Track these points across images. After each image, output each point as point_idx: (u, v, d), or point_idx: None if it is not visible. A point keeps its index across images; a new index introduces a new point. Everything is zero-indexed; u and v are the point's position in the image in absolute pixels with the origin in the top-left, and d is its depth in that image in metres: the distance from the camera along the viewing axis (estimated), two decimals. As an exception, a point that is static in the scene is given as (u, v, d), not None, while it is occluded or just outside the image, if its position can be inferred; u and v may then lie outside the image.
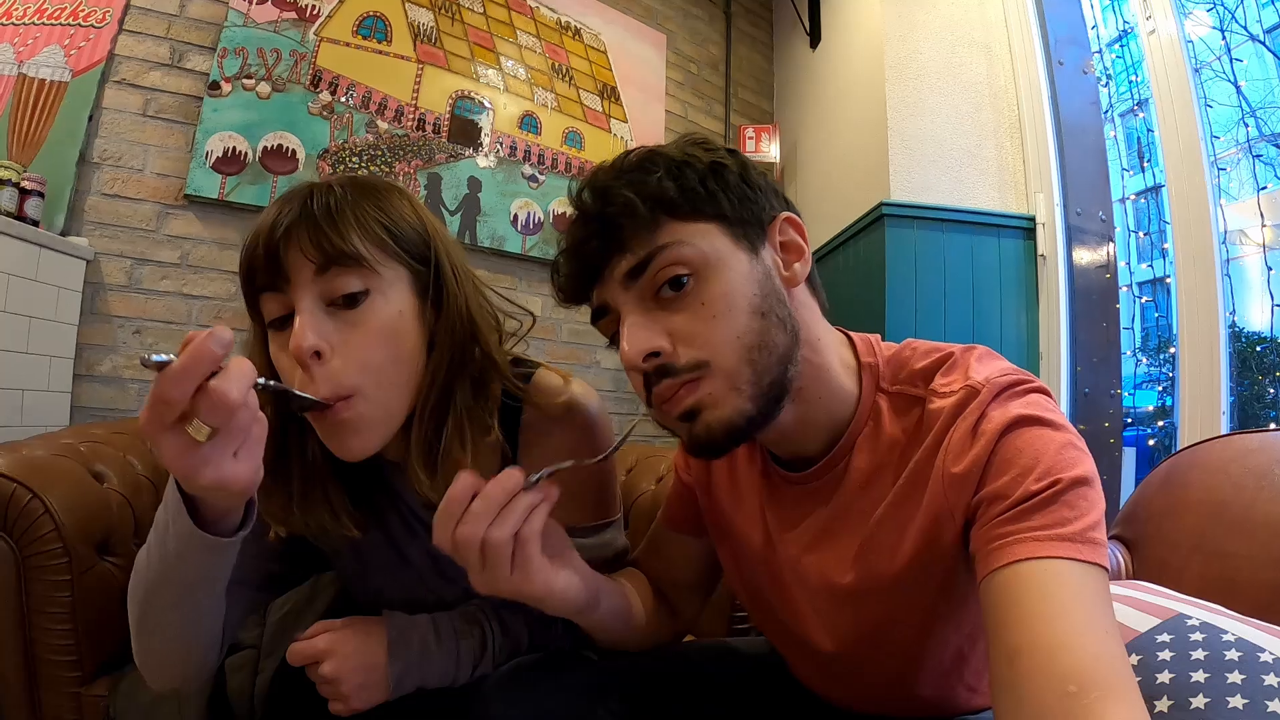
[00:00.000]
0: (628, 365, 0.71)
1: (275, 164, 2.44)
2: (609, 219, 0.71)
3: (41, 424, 1.94)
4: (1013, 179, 2.81)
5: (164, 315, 2.29)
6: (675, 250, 0.70)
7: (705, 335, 0.69)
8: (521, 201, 2.99)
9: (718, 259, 0.71)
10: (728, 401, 0.70)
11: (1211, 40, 2.56)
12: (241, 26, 2.43)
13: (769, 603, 0.89)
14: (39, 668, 1.22)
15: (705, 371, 0.69)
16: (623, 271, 0.72)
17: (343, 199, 0.81)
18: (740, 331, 0.69)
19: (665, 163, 0.72)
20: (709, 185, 0.72)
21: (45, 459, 1.33)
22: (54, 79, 2.18)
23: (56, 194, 2.10)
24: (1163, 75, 2.43)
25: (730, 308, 0.70)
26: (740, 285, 0.71)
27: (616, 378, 3.20)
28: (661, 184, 0.71)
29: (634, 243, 0.71)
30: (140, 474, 1.63)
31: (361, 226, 0.81)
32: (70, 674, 1.22)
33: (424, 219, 0.89)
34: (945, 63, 2.87)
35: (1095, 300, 2.62)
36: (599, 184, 0.73)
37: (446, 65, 2.85)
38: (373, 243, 0.81)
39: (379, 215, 0.83)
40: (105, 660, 1.25)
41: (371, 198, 0.84)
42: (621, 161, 0.75)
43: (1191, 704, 0.75)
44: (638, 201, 0.70)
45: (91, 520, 1.30)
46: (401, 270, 0.84)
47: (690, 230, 0.71)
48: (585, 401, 0.97)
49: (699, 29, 3.77)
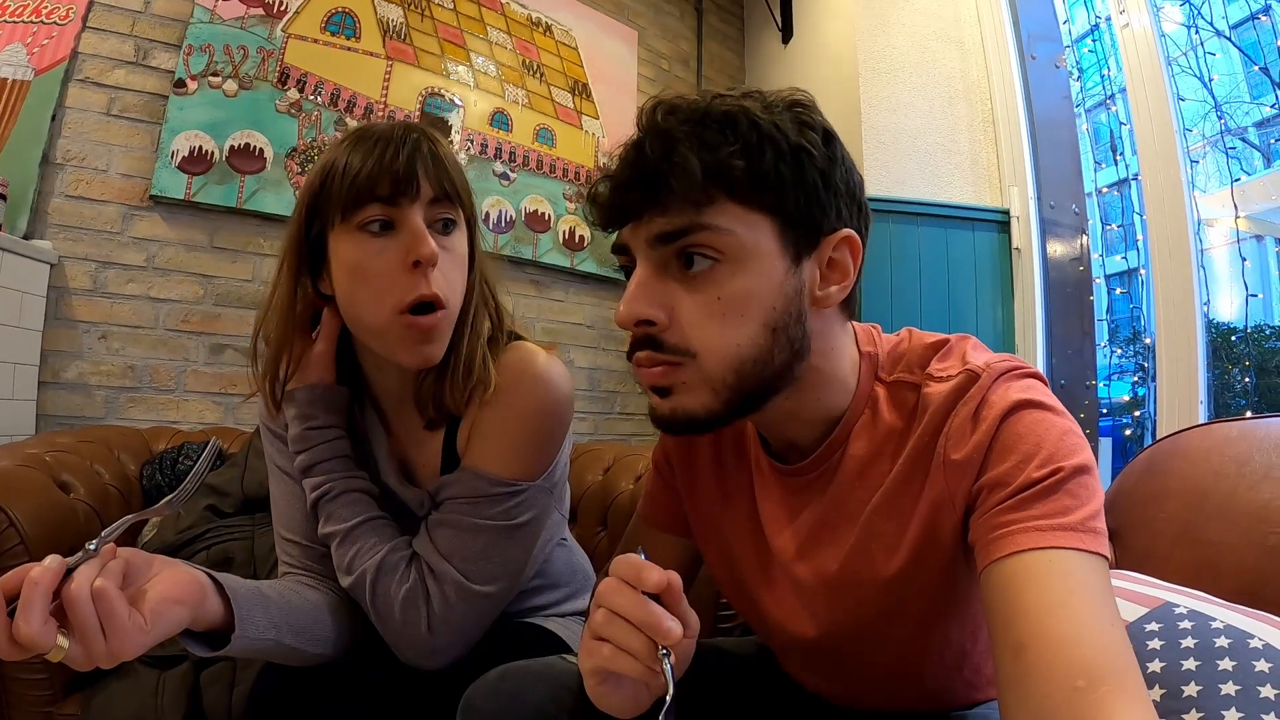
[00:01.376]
0: (618, 322, 0.69)
1: (242, 163, 2.40)
2: (660, 174, 0.65)
3: (6, 433, 1.89)
4: (987, 173, 2.84)
5: (130, 319, 2.24)
6: (715, 233, 0.65)
7: (705, 328, 0.66)
8: (493, 199, 2.97)
9: (754, 256, 0.66)
10: (699, 396, 0.68)
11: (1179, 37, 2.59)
12: (208, 23, 2.39)
13: (759, 599, 0.87)
14: (8, 687, 1.21)
15: (689, 360, 0.67)
16: (655, 231, 0.67)
17: (448, 153, 0.97)
18: (741, 340, 0.67)
19: (746, 133, 0.66)
20: (780, 172, 0.66)
21: (9, 469, 1.31)
22: (16, 78, 2.13)
23: (19, 196, 2.05)
24: (1137, 68, 2.45)
25: (743, 312, 0.66)
26: (763, 293, 0.67)
27: (591, 376, 3.19)
28: (731, 159, 0.65)
29: (676, 210, 0.66)
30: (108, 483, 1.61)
31: (457, 174, 0.97)
32: (41, 693, 1.21)
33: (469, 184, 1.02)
34: (918, 58, 2.89)
35: (1070, 292, 2.64)
36: (668, 129, 0.67)
37: (416, 62, 2.82)
38: (464, 190, 0.98)
39: (464, 175, 0.99)
40: (76, 676, 1.22)
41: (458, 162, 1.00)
42: (703, 106, 0.67)
43: (1184, 692, 0.76)
44: (697, 171, 0.64)
45: (58, 531, 1.29)
46: (464, 217, 1.00)
47: (740, 216, 0.66)
48: (543, 374, 1.01)
49: (670, 25, 3.77)
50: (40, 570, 0.61)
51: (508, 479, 0.97)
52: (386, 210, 0.91)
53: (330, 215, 0.92)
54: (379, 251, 0.91)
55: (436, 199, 0.93)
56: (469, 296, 1.01)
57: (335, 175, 0.91)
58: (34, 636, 0.59)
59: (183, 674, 1.07)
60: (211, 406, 2.35)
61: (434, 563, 0.94)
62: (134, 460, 1.80)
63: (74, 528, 1.34)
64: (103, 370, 2.19)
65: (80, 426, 2.07)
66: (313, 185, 0.94)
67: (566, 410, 1.03)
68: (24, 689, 1.19)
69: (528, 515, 0.98)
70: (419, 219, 0.91)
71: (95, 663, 0.64)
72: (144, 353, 2.25)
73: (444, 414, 1.00)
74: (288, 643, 0.87)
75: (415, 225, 0.91)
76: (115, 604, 0.63)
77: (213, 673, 1.06)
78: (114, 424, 2.15)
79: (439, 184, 0.93)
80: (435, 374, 0.98)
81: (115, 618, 0.63)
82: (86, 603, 0.62)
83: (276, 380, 1.02)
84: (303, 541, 1.02)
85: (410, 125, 0.97)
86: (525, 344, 1.05)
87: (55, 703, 1.20)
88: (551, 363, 1.02)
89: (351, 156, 0.91)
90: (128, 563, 0.69)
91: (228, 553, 1.32)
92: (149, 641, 0.67)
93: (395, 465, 1.06)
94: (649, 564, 0.62)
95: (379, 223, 0.91)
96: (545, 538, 1.02)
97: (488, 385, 0.97)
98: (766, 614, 0.86)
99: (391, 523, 1.00)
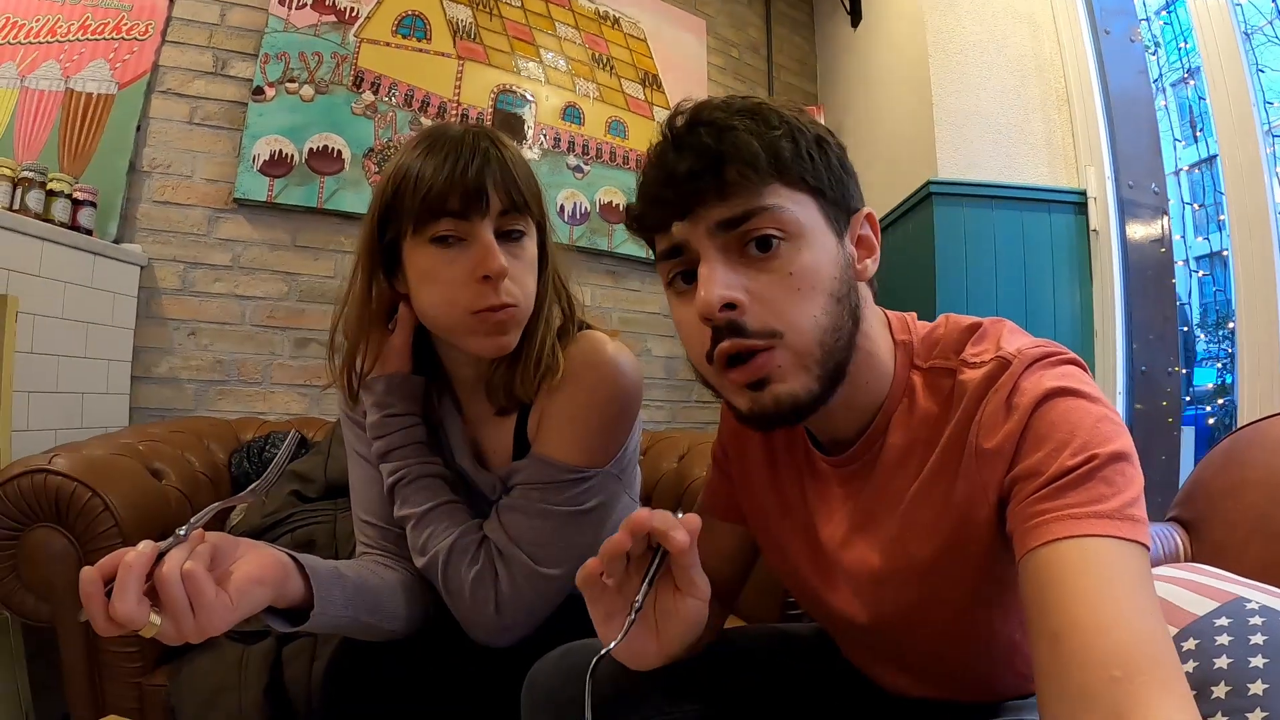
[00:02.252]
0: (703, 312, 0.67)
1: (321, 165, 2.48)
2: (720, 159, 0.67)
3: (101, 425, 1.99)
4: (1062, 153, 2.75)
5: (218, 317, 2.34)
6: (778, 213, 0.67)
7: (784, 305, 0.67)
8: (567, 192, 3.00)
9: (811, 232, 0.69)
10: (797, 377, 0.68)
11: (1262, 3, 2.48)
12: (282, 32, 2.47)
13: (813, 586, 0.87)
14: (101, 659, 1.27)
15: (777, 342, 0.67)
16: (717, 219, 0.68)
17: (516, 162, 0.99)
18: (818, 311, 0.68)
19: (781, 120, 0.69)
20: (814, 155, 0.69)
21: (104, 458, 1.38)
22: (101, 92, 2.24)
23: (108, 203, 2.15)
24: (1212, 42, 2.35)
25: (815, 285, 0.68)
26: (826, 264, 0.69)
27: (669, 365, 3.19)
28: (780, 142, 0.67)
29: (740, 193, 0.67)
30: (198, 471, 1.68)
31: (530, 185, 1.00)
32: (131, 664, 1.28)
33: (542, 188, 1.06)
34: (988, 36, 2.81)
35: (1150, 275, 2.54)
36: (715, 120, 0.69)
37: (487, 60, 2.87)
38: (533, 198, 1.00)
39: (534, 179, 1.02)
40: (165, 650, 1.29)
41: (526, 164, 1.02)
42: (735, 102, 0.71)
43: (1249, 690, 0.74)
44: (761, 154, 0.66)
45: (150, 515, 1.35)
46: (533, 221, 1.03)
47: (790, 196, 0.68)
48: (610, 361, 1.04)
49: (738, 12, 3.73)
50: (134, 554, 0.66)
51: (576, 465, 0.99)
52: (457, 225, 0.93)
53: (403, 225, 0.95)
54: (450, 261, 0.94)
55: (505, 211, 0.96)
56: (541, 292, 1.04)
57: (408, 186, 0.94)
58: (129, 614, 0.64)
59: (266, 649, 1.12)
60: (297, 398, 2.44)
61: (503, 546, 0.98)
62: (223, 449, 1.88)
63: (165, 512, 1.40)
64: (192, 365, 2.29)
65: (171, 419, 2.17)
66: (385, 192, 0.97)
67: (634, 397, 1.05)
68: (117, 660, 1.27)
69: (595, 501, 1.01)
70: (489, 232, 0.94)
71: (185, 638, 0.68)
72: (231, 348, 2.35)
73: (515, 401, 1.03)
74: (363, 620, 0.91)
75: (485, 239, 0.94)
76: (203, 584, 0.68)
77: (294, 648, 1.10)
78: (203, 415, 2.25)
79: (508, 196, 0.95)
80: (507, 363, 1.02)
81: (203, 597, 0.68)
82: (177, 583, 0.66)
83: (354, 371, 1.06)
84: (380, 524, 1.07)
85: (480, 132, 0.99)
86: (593, 333, 1.07)
87: (145, 674, 1.28)
88: (619, 350, 1.05)
89: (424, 166, 0.93)
90: (215, 546, 0.73)
91: (311, 535, 1.36)
92: (234, 619, 0.71)
93: (469, 450, 1.10)
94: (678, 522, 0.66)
95: (450, 236, 0.94)
96: (614, 521, 1.03)
97: (555, 372, 1.00)
98: (821, 601, 0.87)
99: (464, 506, 1.03)
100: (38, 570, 1.25)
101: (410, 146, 0.98)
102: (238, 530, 1.43)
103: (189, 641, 0.69)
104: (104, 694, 1.26)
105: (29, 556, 1.25)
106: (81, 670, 1.26)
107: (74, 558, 1.23)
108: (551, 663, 0.88)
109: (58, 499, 1.23)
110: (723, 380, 0.71)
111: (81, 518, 1.24)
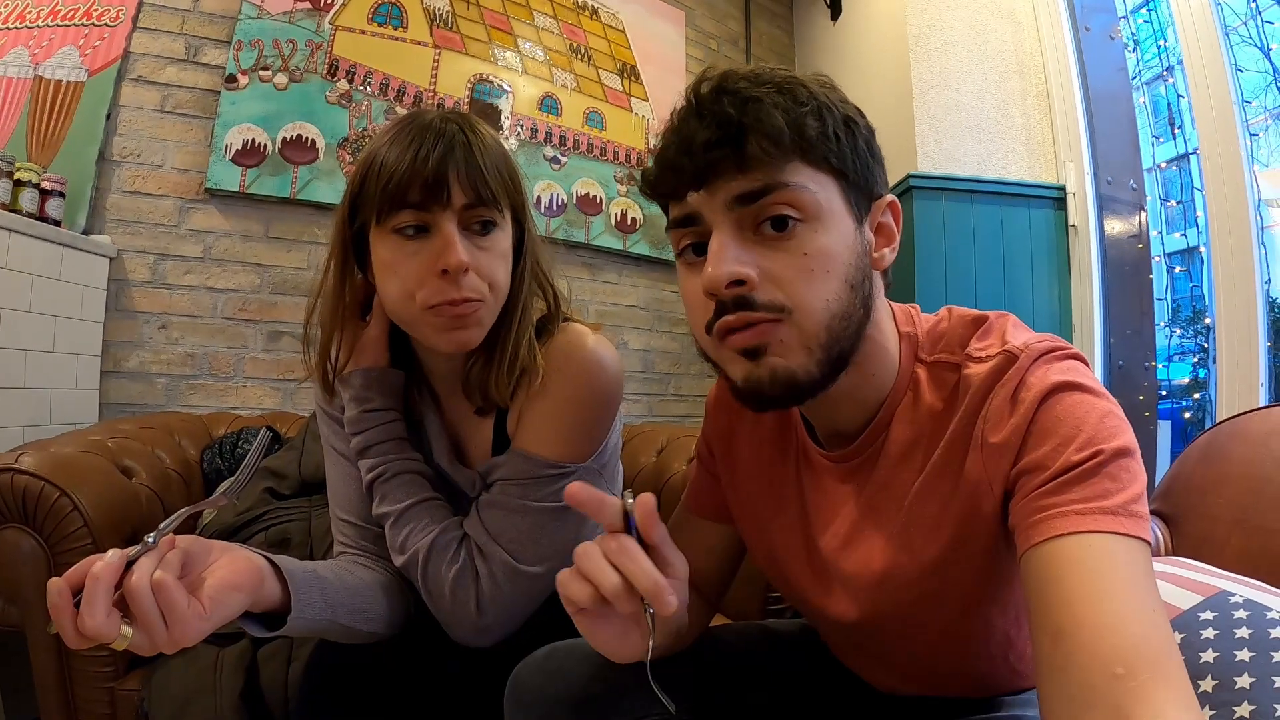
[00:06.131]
0: (708, 287, 0.66)
1: (295, 154, 2.44)
2: (742, 131, 0.65)
3: (71, 421, 1.95)
4: (1041, 148, 2.77)
5: (189, 309, 2.30)
6: (797, 191, 0.65)
7: (796, 285, 0.65)
8: (544, 184, 2.98)
9: (830, 215, 0.67)
10: (797, 356, 0.66)
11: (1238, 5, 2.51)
12: (256, 19, 2.43)
13: (804, 586, 0.86)
14: (73, 664, 1.24)
15: (784, 317, 0.65)
16: (734, 192, 0.66)
17: (487, 151, 0.95)
18: (830, 295, 0.66)
19: (810, 96, 0.67)
20: (840, 136, 0.68)
21: (73, 456, 1.35)
22: (70, 79, 2.19)
23: (77, 193, 2.11)
24: (1193, 38, 2.37)
25: (829, 269, 0.66)
26: (842, 249, 0.67)
27: (644, 358, 3.19)
28: (807, 119, 0.65)
29: (760, 168, 0.65)
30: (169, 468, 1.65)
31: (499, 175, 0.95)
32: (103, 669, 1.25)
33: (521, 178, 1.03)
34: (969, 32, 2.82)
35: (1128, 271, 2.58)
36: (740, 89, 0.66)
37: (464, 49, 2.84)
38: (503, 189, 0.96)
39: (508, 168, 0.98)
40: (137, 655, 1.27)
41: (501, 155, 0.98)
42: (764, 74, 0.68)
43: (1236, 683, 0.74)
44: (784, 129, 0.64)
45: (120, 515, 1.32)
46: (508, 217, 0.99)
47: (812, 175, 0.66)
48: (591, 356, 1.01)
49: (717, 5, 3.73)
50: (101, 565, 0.63)
51: (556, 461, 0.98)
52: (419, 216, 0.91)
53: (368, 214, 0.93)
54: (412, 254, 0.91)
55: (471, 204, 0.92)
56: (517, 287, 1.01)
57: (373, 174, 0.92)
58: (98, 628, 0.62)
59: (240, 650, 1.09)
60: (270, 392, 2.41)
61: (483, 543, 0.96)
62: (194, 445, 1.84)
63: (136, 511, 1.37)
64: (163, 359, 2.25)
65: (142, 414, 2.13)
66: (353, 181, 0.96)
67: (615, 392, 1.03)
68: (87, 665, 1.24)
69: None
70: (451, 225, 0.91)
71: (158, 649, 0.66)
72: (203, 341, 2.31)
73: (491, 404, 1.01)
74: (342, 622, 0.89)
75: (446, 232, 0.90)
76: (174, 594, 0.65)
77: (269, 649, 1.08)
78: (175, 411, 2.21)
79: (472, 188, 0.92)
80: (481, 363, 0.99)
81: (175, 608, 0.65)
82: (147, 594, 0.64)
83: (329, 364, 1.04)
84: (358, 522, 1.04)
85: (449, 118, 0.96)
86: (574, 326, 1.05)
87: (117, 678, 1.25)
88: (600, 343, 1.03)
89: (389, 153, 0.91)
90: (186, 552, 0.71)
91: (285, 533, 1.34)
92: (208, 628, 0.69)
93: (448, 447, 1.08)
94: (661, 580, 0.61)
95: (412, 227, 0.91)
96: None
97: (535, 375, 0.98)
98: (810, 599, 0.86)
99: (444, 504, 1.01)
100: (6, 572, 1.21)
101: (384, 132, 0.96)
102: (209, 530, 1.41)
103: (163, 653, 0.67)
104: (76, 699, 1.24)
105: (-4, 558, 1.21)
106: (53, 676, 1.23)
107: (43, 559, 1.20)
108: (536, 663, 0.87)
109: (25, 499, 1.19)
110: (720, 350, 0.69)
111: (50, 518, 1.21)
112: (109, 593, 0.63)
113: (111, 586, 0.63)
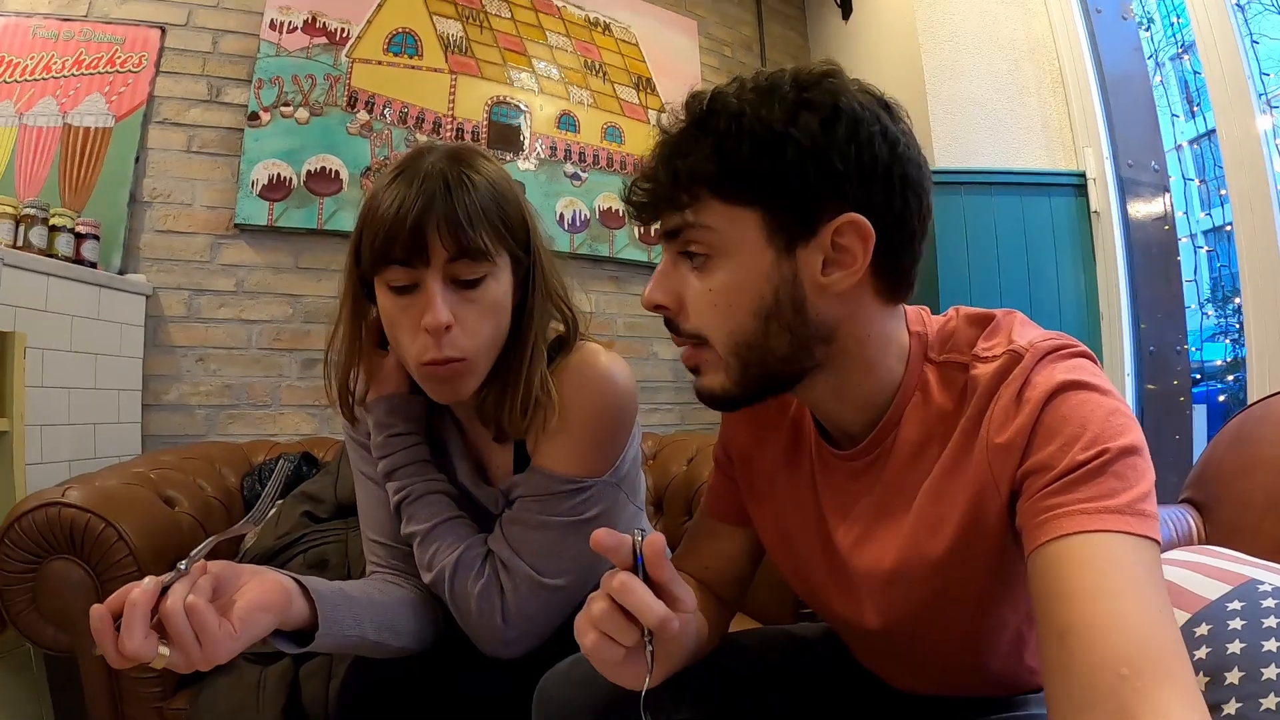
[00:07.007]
0: (642, 304, 0.77)
1: (320, 186, 2.49)
2: (669, 175, 0.71)
3: (115, 454, 2.01)
4: (1059, 135, 2.74)
5: (224, 341, 2.36)
6: (700, 230, 0.70)
7: (704, 316, 0.72)
8: (566, 200, 3.00)
9: (735, 250, 0.69)
10: (716, 377, 0.73)
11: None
12: (274, 56, 2.49)
13: (824, 589, 0.87)
14: (123, 685, 1.29)
15: (703, 343, 0.73)
16: (661, 230, 0.75)
17: (476, 198, 0.94)
18: (733, 328, 0.71)
19: (721, 132, 0.67)
20: (759, 166, 0.66)
21: (117, 488, 1.40)
22: (98, 125, 2.26)
23: (111, 235, 2.18)
24: (1203, 15, 2.33)
25: (730, 303, 0.70)
26: (748, 284, 0.69)
27: (675, 368, 3.17)
28: (703, 164, 0.68)
29: (666, 213, 0.73)
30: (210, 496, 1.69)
31: (490, 225, 0.95)
32: (152, 689, 1.30)
33: (526, 211, 1.03)
34: (979, 22, 2.81)
35: (1154, 254, 2.53)
36: (667, 128, 0.74)
37: (479, 73, 2.87)
38: (495, 238, 0.95)
39: (501, 213, 0.97)
40: (184, 675, 1.31)
41: (495, 196, 0.97)
42: (705, 96, 0.71)
43: (1264, 674, 0.73)
44: (668, 183, 0.71)
45: (164, 543, 1.37)
46: (507, 257, 0.99)
47: (723, 212, 0.69)
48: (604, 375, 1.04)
49: (729, 11, 3.73)
50: (139, 591, 0.68)
51: (573, 476, 1.00)
52: (406, 273, 0.92)
53: (366, 267, 0.97)
54: (404, 308, 0.94)
55: (455, 257, 0.92)
56: (526, 321, 1.02)
57: (367, 225, 0.94)
58: (137, 650, 0.66)
59: (283, 669, 1.12)
60: (307, 418, 2.46)
61: (507, 559, 0.99)
62: (235, 473, 1.89)
63: (179, 539, 1.42)
64: (201, 391, 2.31)
65: (183, 445, 2.18)
66: (356, 228, 0.98)
67: (629, 407, 1.06)
68: (138, 686, 1.28)
69: (596, 510, 1.02)
70: (435, 282, 0.92)
71: (194, 667, 0.70)
72: (240, 372, 2.37)
73: (505, 436, 1.04)
74: (372, 638, 0.92)
75: (429, 290, 0.92)
76: (206, 616, 0.69)
77: (311, 667, 1.11)
78: (215, 440, 2.27)
79: (455, 241, 0.91)
80: (494, 396, 1.01)
81: (207, 628, 0.69)
82: (181, 617, 0.68)
83: (348, 393, 1.07)
84: (387, 542, 1.08)
85: (439, 161, 0.96)
86: (588, 345, 1.08)
87: (166, 698, 1.29)
88: (612, 360, 1.05)
89: (382, 201, 0.93)
90: (217, 577, 0.75)
91: (323, 555, 1.37)
92: (238, 647, 0.73)
93: (471, 467, 1.11)
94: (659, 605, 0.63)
95: (401, 284, 0.93)
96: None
97: (550, 411, 1.00)
98: (829, 602, 0.87)
99: (469, 522, 1.04)
100: (56, 602, 1.26)
101: (387, 172, 0.98)
102: (250, 553, 1.44)
103: (198, 670, 0.71)
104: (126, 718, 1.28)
105: (47, 588, 1.26)
106: (105, 698, 1.28)
107: (91, 588, 1.25)
108: (562, 673, 0.88)
109: (72, 531, 1.25)
110: None
111: (96, 548, 1.26)
112: (146, 616, 0.67)
113: (148, 611, 0.67)
